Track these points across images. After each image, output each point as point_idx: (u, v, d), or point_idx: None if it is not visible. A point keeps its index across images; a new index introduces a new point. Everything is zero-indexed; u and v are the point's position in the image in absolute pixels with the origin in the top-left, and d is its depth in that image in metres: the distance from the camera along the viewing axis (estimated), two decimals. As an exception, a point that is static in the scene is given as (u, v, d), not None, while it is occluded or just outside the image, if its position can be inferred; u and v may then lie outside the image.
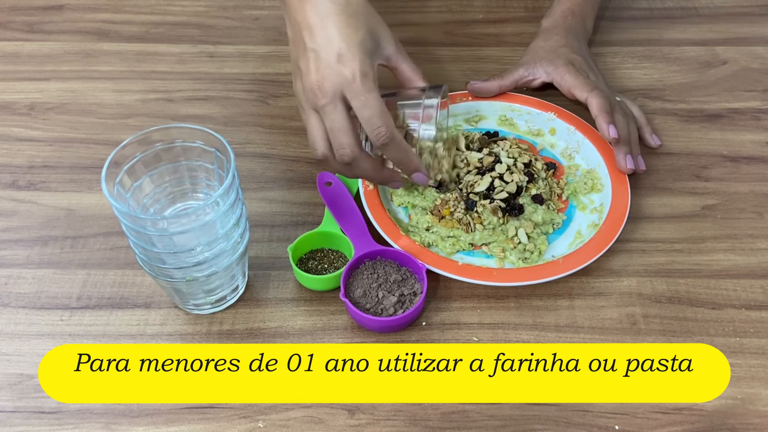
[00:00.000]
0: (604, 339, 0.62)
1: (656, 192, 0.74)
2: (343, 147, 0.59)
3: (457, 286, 0.65)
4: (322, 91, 0.57)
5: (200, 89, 0.84)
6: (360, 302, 0.62)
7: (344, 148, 0.59)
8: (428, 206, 0.69)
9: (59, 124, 0.80)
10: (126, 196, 0.57)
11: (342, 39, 0.58)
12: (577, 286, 0.65)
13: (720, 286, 0.65)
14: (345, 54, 0.57)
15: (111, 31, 0.92)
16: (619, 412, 0.57)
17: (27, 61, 0.88)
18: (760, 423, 0.57)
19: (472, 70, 0.87)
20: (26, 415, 0.57)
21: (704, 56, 0.89)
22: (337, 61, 0.57)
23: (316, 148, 0.60)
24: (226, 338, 0.62)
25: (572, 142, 0.76)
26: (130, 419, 0.57)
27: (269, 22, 0.94)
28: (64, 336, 0.62)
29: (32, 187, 0.74)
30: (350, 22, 0.58)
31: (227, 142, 0.55)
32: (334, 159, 0.61)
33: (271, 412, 0.57)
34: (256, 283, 0.66)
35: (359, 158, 0.60)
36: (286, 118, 0.81)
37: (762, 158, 0.77)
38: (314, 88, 0.58)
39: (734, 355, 0.61)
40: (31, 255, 0.68)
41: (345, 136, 0.58)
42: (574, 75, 0.76)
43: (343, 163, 0.60)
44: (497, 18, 0.95)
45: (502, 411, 0.57)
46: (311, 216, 0.71)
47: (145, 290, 0.65)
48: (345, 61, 0.57)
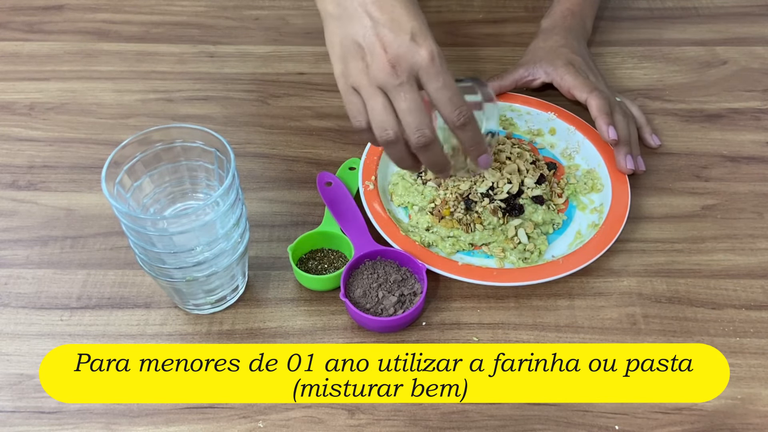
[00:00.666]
0: (604, 339, 0.62)
1: (656, 192, 0.74)
2: (422, 128, 0.56)
3: (457, 286, 0.65)
4: (397, 71, 0.55)
5: (200, 89, 0.84)
6: (360, 302, 0.62)
7: (424, 128, 0.56)
8: (426, 206, 0.69)
9: (59, 124, 0.80)
10: (126, 196, 0.57)
11: (412, 18, 0.56)
12: (577, 286, 0.65)
13: (720, 286, 0.66)
14: (418, 34, 0.55)
15: (111, 31, 0.92)
16: (619, 412, 0.57)
17: (27, 61, 0.88)
18: (760, 423, 0.57)
19: (472, 70, 0.87)
20: (26, 415, 0.57)
21: (704, 56, 0.89)
22: (411, 40, 0.55)
23: (386, 128, 0.56)
24: (226, 338, 0.62)
25: (572, 142, 0.76)
26: (130, 419, 0.57)
27: (269, 22, 0.94)
28: (64, 336, 0.62)
29: (32, 187, 0.74)
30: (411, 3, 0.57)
31: (227, 142, 0.56)
32: (402, 141, 0.58)
33: (271, 412, 0.57)
34: (256, 283, 0.66)
35: (435, 141, 0.57)
36: (286, 118, 0.81)
37: (762, 158, 0.77)
38: (387, 66, 0.54)
39: (734, 355, 0.61)
40: (31, 255, 0.68)
41: (423, 117, 0.56)
42: (573, 75, 0.76)
43: (420, 145, 0.57)
44: (497, 18, 0.96)
45: (502, 411, 0.57)
46: (311, 216, 0.71)
47: (145, 290, 0.65)
48: (419, 41, 0.55)
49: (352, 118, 0.58)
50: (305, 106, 0.83)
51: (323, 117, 0.81)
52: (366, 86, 0.56)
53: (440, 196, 0.69)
